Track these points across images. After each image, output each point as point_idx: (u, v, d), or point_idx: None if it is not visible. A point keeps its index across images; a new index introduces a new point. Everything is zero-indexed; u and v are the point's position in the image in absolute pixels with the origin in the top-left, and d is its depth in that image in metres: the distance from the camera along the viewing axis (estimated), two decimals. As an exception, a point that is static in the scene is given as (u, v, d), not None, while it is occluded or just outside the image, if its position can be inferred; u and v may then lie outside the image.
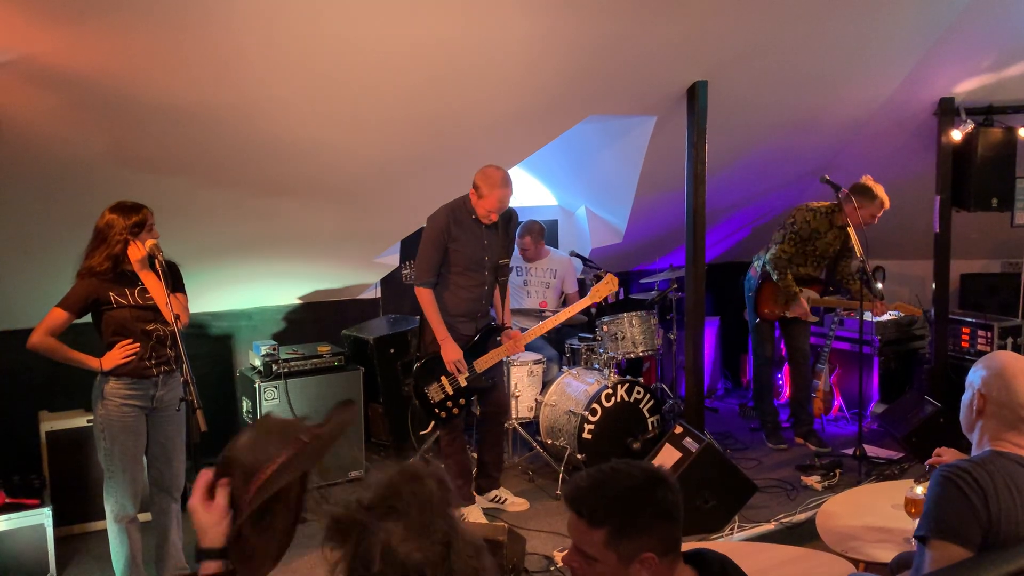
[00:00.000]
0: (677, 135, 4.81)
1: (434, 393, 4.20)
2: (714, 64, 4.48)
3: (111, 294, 3.27)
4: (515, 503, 4.48)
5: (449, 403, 4.21)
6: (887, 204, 4.88)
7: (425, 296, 4.15)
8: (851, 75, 4.96)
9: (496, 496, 4.49)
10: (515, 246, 5.46)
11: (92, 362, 3.27)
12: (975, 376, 2.19)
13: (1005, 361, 2.15)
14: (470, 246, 4.15)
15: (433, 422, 4.40)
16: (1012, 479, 2.02)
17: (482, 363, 4.22)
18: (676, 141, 4.83)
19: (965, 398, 2.21)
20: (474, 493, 4.44)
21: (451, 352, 4.14)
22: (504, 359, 4.43)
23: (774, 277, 5.17)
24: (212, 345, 5.11)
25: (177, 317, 3.09)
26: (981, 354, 5.31)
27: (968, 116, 5.34)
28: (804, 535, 3.89)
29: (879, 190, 4.87)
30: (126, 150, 3.67)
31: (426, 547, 1.27)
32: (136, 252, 3.23)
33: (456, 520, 1.33)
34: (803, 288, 5.21)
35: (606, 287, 4.50)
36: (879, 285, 6.51)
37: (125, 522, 3.37)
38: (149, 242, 3.22)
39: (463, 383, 4.20)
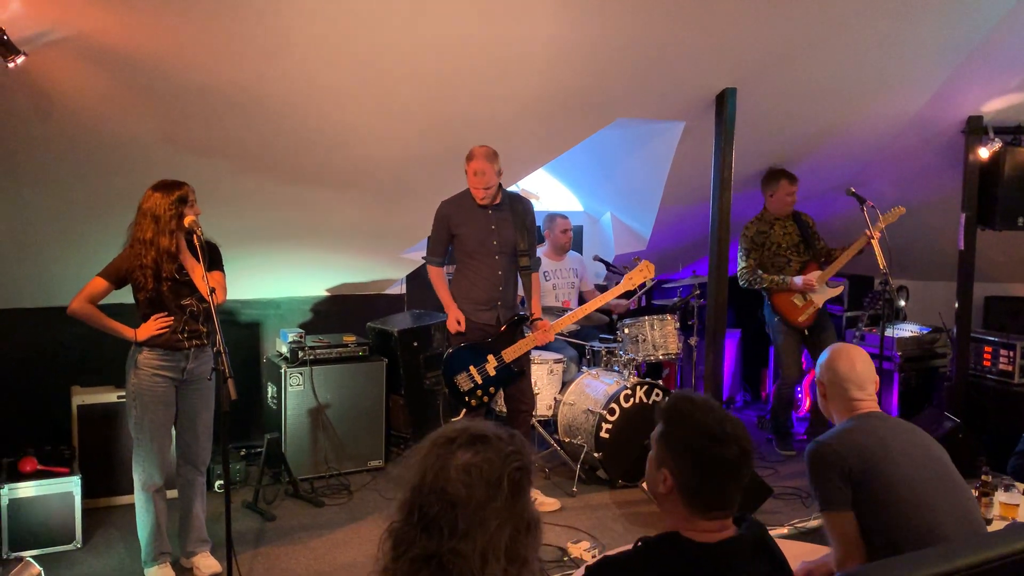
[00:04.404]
0: (704, 142, 4.87)
1: (463, 382, 4.30)
2: (744, 72, 4.54)
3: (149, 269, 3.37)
4: (547, 503, 4.46)
5: (479, 391, 4.31)
6: (789, 184, 5.34)
7: (432, 271, 4.44)
8: (880, 90, 5.00)
9: None
10: (545, 244, 5.54)
11: (127, 332, 3.39)
12: (816, 369, 2.53)
13: (834, 349, 2.52)
14: (475, 230, 4.29)
15: (464, 410, 4.44)
16: (871, 430, 2.32)
17: (510, 353, 4.29)
18: (703, 149, 4.89)
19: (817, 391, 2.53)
20: None
21: (453, 314, 4.31)
22: (529, 352, 4.46)
23: (756, 287, 5.41)
24: (240, 332, 5.22)
25: (212, 291, 3.18)
26: (1003, 373, 5.38)
27: (996, 135, 5.34)
28: (817, 541, 3.86)
29: (779, 171, 5.41)
30: (170, 132, 3.78)
31: (473, 491, 1.30)
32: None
33: (524, 495, 1.34)
34: (804, 273, 5.36)
35: (640, 274, 4.48)
36: (902, 303, 6.52)
37: (152, 491, 3.47)
38: (189, 218, 3.33)
39: (492, 373, 4.28)
